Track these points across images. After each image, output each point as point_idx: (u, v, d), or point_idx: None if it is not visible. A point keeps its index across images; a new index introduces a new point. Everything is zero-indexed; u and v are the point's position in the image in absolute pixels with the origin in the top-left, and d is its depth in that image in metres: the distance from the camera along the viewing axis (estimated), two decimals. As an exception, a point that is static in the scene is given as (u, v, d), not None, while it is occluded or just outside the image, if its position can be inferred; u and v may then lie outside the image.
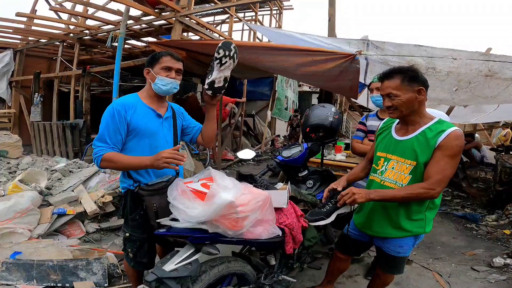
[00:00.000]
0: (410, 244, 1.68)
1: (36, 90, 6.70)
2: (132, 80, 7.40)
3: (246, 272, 1.68)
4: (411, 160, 1.54)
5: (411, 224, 1.61)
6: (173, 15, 4.98)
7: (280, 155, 2.38)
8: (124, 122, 1.61)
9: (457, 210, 4.58)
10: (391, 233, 1.66)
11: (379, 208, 1.68)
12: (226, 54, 1.64)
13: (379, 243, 1.77)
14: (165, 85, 1.68)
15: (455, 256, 3.08)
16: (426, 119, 1.58)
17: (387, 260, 1.76)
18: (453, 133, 1.46)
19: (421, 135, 1.54)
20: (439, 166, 1.46)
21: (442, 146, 1.46)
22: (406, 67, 1.58)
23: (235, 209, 1.35)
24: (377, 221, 1.71)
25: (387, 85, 1.55)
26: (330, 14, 4.53)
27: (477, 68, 3.07)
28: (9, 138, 5.03)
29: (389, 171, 1.63)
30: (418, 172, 1.53)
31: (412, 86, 1.50)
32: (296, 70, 3.77)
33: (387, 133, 1.74)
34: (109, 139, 1.59)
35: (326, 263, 2.80)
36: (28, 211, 2.85)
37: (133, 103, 1.67)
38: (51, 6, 5.97)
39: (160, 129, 1.73)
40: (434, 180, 1.46)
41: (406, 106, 1.52)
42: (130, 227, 1.73)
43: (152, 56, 1.72)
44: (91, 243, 3.01)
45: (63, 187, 3.62)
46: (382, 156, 1.69)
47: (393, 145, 1.65)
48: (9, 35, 6.86)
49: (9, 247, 2.43)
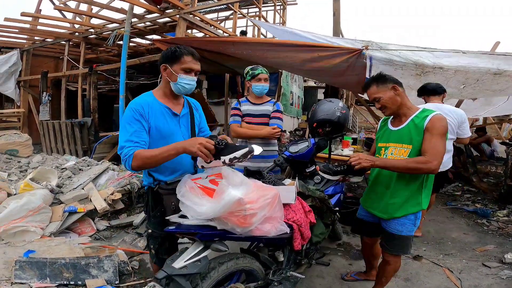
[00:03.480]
0: (411, 222, 1.89)
1: (44, 89, 6.78)
2: (138, 78, 7.44)
3: (255, 269, 1.69)
4: (407, 144, 1.82)
5: (408, 203, 1.86)
6: (176, 12, 4.98)
7: (287, 151, 2.36)
8: (145, 119, 1.58)
9: (468, 205, 4.51)
10: (393, 212, 1.89)
11: (382, 189, 1.95)
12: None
13: (383, 224, 1.99)
14: (188, 84, 1.64)
15: (466, 252, 3.04)
16: (413, 110, 1.89)
17: (392, 240, 1.95)
18: (435, 116, 1.76)
19: (411, 122, 1.84)
20: (431, 143, 1.73)
21: (429, 127, 1.75)
22: (375, 76, 1.94)
23: (244, 206, 1.35)
24: (380, 201, 1.97)
25: (369, 93, 1.91)
26: (334, 9, 4.49)
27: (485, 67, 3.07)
28: (19, 137, 5.12)
29: (389, 156, 1.90)
30: (414, 154, 1.79)
31: (386, 86, 1.85)
32: (302, 66, 3.75)
33: (385, 128, 2.03)
34: (136, 137, 1.52)
35: (334, 259, 2.81)
36: (40, 209, 2.90)
37: (149, 103, 1.63)
38: (56, 5, 6.02)
39: (177, 129, 1.70)
40: (429, 154, 1.71)
41: (391, 102, 1.85)
42: (152, 224, 1.73)
43: (172, 53, 1.62)
44: (101, 240, 3.05)
45: (73, 185, 3.67)
46: (382, 146, 1.98)
47: (390, 135, 1.95)
48: (16, 35, 6.92)
49: (22, 246, 2.47)
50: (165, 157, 1.48)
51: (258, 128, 2.69)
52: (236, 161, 1.41)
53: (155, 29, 6.29)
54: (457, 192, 5.22)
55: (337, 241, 3.14)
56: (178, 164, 1.68)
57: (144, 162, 1.48)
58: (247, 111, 2.75)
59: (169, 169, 1.68)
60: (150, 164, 1.52)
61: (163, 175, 1.67)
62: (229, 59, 4.47)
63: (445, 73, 3.30)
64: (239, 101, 2.83)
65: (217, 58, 4.62)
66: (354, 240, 3.16)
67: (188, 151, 1.43)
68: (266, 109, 2.74)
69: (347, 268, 2.68)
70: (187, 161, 1.71)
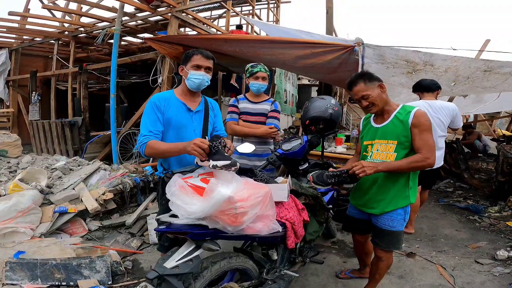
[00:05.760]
0: (401, 217, 1.92)
1: (33, 89, 6.67)
2: (129, 77, 7.34)
3: (248, 268, 1.68)
4: (393, 140, 1.86)
5: (396, 198, 1.89)
6: (168, 10, 4.93)
7: (280, 148, 2.36)
8: (160, 112, 1.80)
9: (460, 201, 4.56)
10: (383, 208, 1.92)
11: (370, 185, 1.97)
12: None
13: (374, 220, 2.01)
14: (196, 78, 1.83)
15: (459, 249, 3.06)
16: (394, 106, 1.93)
17: (383, 236, 1.96)
18: (417, 112, 1.81)
19: (395, 119, 1.88)
20: (422, 139, 1.79)
21: (415, 124, 1.80)
22: (361, 72, 1.99)
23: (234, 204, 1.33)
24: (369, 198, 1.99)
25: (356, 90, 1.90)
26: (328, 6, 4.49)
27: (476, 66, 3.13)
28: (8, 138, 5.01)
29: (375, 153, 1.93)
30: (400, 149, 1.84)
31: (373, 84, 1.87)
32: (295, 62, 3.75)
33: (368, 126, 2.05)
34: (151, 127, 1.76)
35: (328, 257, 2.81)
36: (30, 210, 2.84)
37: (167, 97, 1.85)
38: (44, 4, 5.90)
39: (189, 122, 1.88)
40: (425, 150, 1.77)
41: (379, 99, 1.87)
42: (160, 210, 1.90)
43: (185, 54, 1.88)
44: (93, 241, 3.01)
45: (63, 186, 3.61)
46: (368, 144, 2.00)
47: (375, 132, 1.97)
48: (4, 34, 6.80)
49: (12, 247, 2.42)
50: (169, 154, 1.73)
51: (255, 127, 2.68)
52: (217, 169, 1.44)
53: (147, 28, 6.21)
54: (449, 188, 5.27)
55: (331, 239, 3.15)
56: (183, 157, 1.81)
57: (153, 152, 1.72)
58: (244, 109, 2.74)
59: (177, 161, 1.85)
60: (157, 155, 1.78)
61: (173, 166, 1.85)
62: (222, 57, 4.44)
63: (436, 70, 3.33)
64: (237, 99, 2.81)
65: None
66: (348, 238, 3.17)
67: (185, 151, 1.57)
68: (263, 108, 2.73)
69: (342, 266, 2.69)
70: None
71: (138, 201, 3.73)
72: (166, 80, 4.85)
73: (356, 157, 2.20)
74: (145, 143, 1.71)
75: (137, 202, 3.73)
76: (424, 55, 3.16)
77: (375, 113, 1.98)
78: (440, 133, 2.97)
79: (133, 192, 3.74)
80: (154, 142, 1.71)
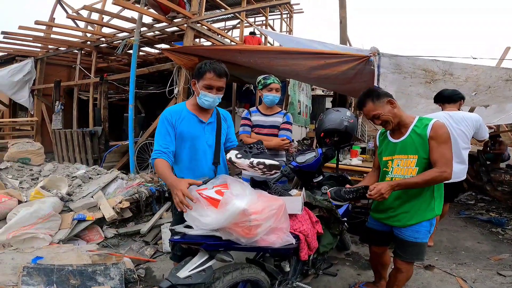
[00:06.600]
0: (426, 229, 1.87)
1: (57, 98, 6.89)
2: (147, 87, 7.53)
3: (260, 279, 1.67)
4: (413, 155, 1.82)
5: (422, 210, 1.85)
6: (184, 21, 5.05)
7: (294, 161, 2.35)
8: (172, 126, 1.82)
9: (482, 214, 4.39)
10: (406, 221, 1.87)
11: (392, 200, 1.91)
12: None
13: (396, 232, 1.96)
14: (207, 101, 1.83)
15: (480, 261, 2.96)
16: (410, 119, 1.90)
17: (406, 247, 1.91)
18: (434, 124, 1.78)
19: (412, 133, 1.85)
20: (439, 152, 1.74)
21: (432, 136, 1.76)
22: (367, 91, 1.92)
23: (248, 217, 1.34)
24: (391, 212, 1.94)
25: (366, 111, 1.89)
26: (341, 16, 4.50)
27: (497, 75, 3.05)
28: (32, 146, 5.22)
29: (396, 168, 1.90)
30: (421, 162, 1.80)
31: (382, 101, 1.84)
32: (308, 73, 3.75)
33: (386, 141, 2.01)
34: (161, 141, 1.79)
35: (342, 269, 2.75)
36: (50, 217, 2.93)
37: (179, 110, 1.87)
38: (68, 14, 6.13)
39: (201, 134, 1.89)
40: (441, 163, 1.72)
41: (392, 116, 1.84)
42: (173, 221, 1.95)
43: (198, 69, 1.83)
44: (109, 248, 3.06)
45: (83, 193, 3.72)
46: (388, 159, 1.96)
47: (394, 147, 1.93)
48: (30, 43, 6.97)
49: (31, 252, 2.49)
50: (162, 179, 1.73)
51: (267, 139, 2.68)
52: (261, 167, 1.46)
53: (164, 38, 6.37)
54: (470, 201, 5.09)
55: (345, 251, 3.08)
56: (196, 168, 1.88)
57: (156, 170, 1.76)
58: (257, 122, 2.77)
59: (190, 172, 1.86)
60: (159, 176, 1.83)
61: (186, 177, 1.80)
62: (236, 68, 4.51)
63: (456, 80, 3.26)
64: (250, 111, 2.84)
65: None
66: (363, 250, 3.10)
67: (171, 188, 1.54)
68: (276, 120, 2.74)
69: (356, 278, 2.63)
70: (206, 165, 1.90)
71: (153, 210, 3.79)
72: (182, 91, 4.95)
73: (374, 172, 2.16)
74: (153, 158, 1.76)
75: (152, 211, 3.79)
76: (443, 64, 3.10)
77: (392, 129, 1.93)
78: (462, 145, 2.85)
79: (149, 201, 3.80)
80: (159, 161, 1.72)
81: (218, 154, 1.93)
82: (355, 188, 1.86)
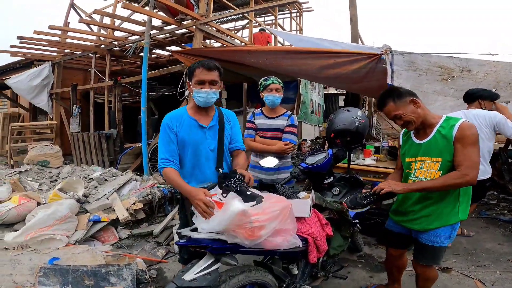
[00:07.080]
0: (447, 234, 1.79)
1: (74, 102, 7.09)
2: (159, 89, 7.63)
3: (267, 282, 1.65)
4: (437, 157, 1.72)
5: (444, 214, 1.75)
6: (193, 23, 5.09)
7: (304, 162, 2.32)
8: (173, 133, 1.82)
9: (504, 214, 4.21)
10: (427, 225, 1.79)
11: (413, 203, 1.84)
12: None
13: (416, 235, 1.89)
14: (201, 97, 1.81)
15: (501, 263, 2.84)
16: (436, 119, 1.78)
17: (425, 251, 1.85)
18: (462, 125, 1.66)
19: (437, 133, 1.73)
20: (464, 154, 1.63)
21: (458, 138, 1.65)
22: (388, 90, 1.85)
23: (249, 218, 1.33)
24: (412, 214, 1.86)
25: (386, 111, 1.80)
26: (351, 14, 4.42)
27: None
28: (50, 149, 5.40)
29: (419, 171, 1.80)
30: (445, 166, 1.70)
31: (404, 101, 1.73)
32: (318, 73, 3.70)
33: (409, 141, 1.91)
34: (164, 149, 1.80)
35: (353, 271, 2.70)
36: (67, 218, 3.02)
37: (179, 116, 1.86)
38: (81, 19, 6.26)
39: (203, 139, 1.86)
40: (464, 167, 1.61)
41: (415, 116, 1.73)
42: (180, 224, 1.99)
43: (189, 69, 1.85)
44: (123, 248, 3.13)
45: (98, 195, 3.82)
46: (411, 161, 1.86)
47: (417, 148, 1.83)
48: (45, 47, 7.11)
49: (48, 253, 2.58)
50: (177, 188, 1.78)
51: (271, 143, 2.65)
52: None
53: (174, 40, 6.42)
54: (492, 200, 4.89)
55: (357, 253, 3.02)
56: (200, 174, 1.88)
57: (167, 180, 1.80)
58: (260, 125, 2.74)
59: (197, 179, 1.86)
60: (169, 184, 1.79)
61: (193, 183, 1.82)
62: (246, 68, 4.51)
63: (474, 77, 3.16)
64: (254, 114, 2.81)
65: (234, 67, 4.67)
66: (376, 252, 3.03)
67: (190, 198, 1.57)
68: (279, 123, 2.69)
69: (367, 281, 2.57)
70: (209, 170, 1.89)
71: (166, 211, 3.84)
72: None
73: (396, 173, 2.09)
74: (161, 168, 1.77)
75: (164, 212, 3.85)
76: (460, 60, 3.01)
77: (416, 130, 1.84)
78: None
79: (161, 203, 3.86)
80: (169, 170, 1.74)
81: (222, 158, 1.90)
82: (370, 192, 1.80)
